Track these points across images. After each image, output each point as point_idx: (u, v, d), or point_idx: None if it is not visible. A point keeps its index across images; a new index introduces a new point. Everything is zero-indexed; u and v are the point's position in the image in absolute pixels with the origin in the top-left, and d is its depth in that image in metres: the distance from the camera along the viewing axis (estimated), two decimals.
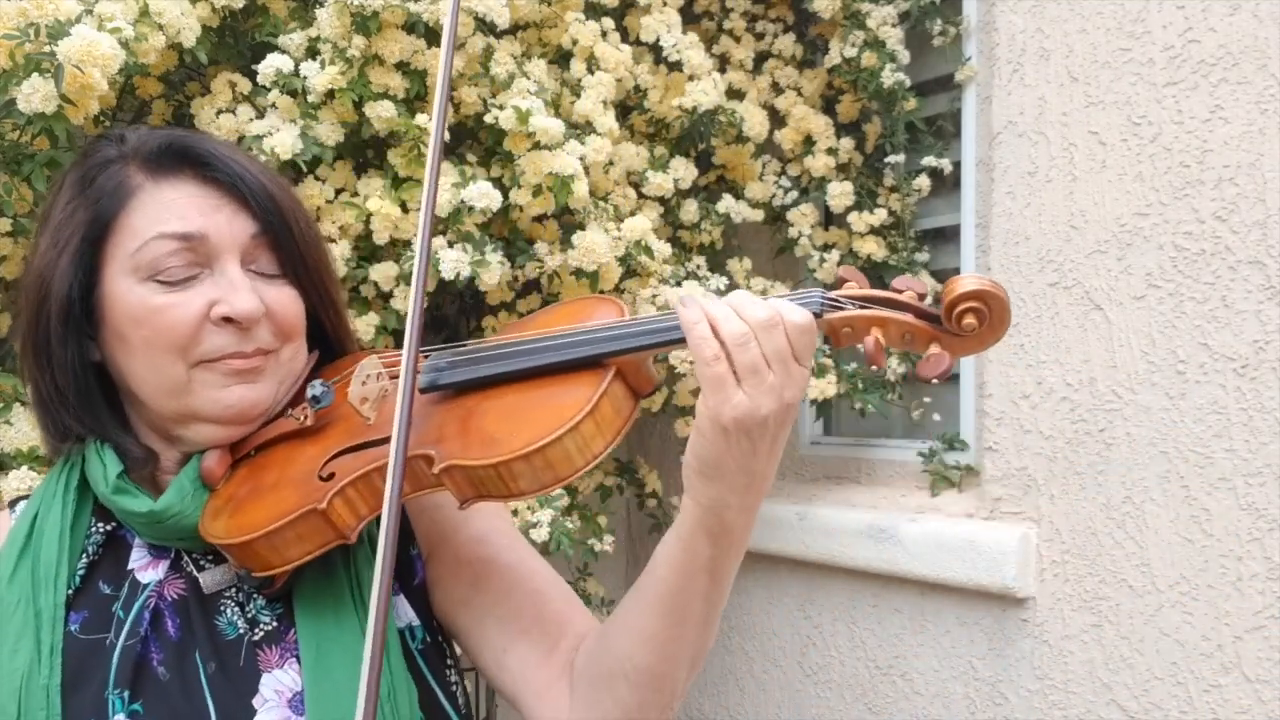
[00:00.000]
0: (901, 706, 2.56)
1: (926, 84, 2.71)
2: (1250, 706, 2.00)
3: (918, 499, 2.61)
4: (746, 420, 0.84)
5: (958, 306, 0.86)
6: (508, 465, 0.89)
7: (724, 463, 0.87)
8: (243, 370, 0.98)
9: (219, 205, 0.99)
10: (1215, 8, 2.06)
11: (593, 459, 0.91)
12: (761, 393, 0.84)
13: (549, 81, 2.27)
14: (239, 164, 1.01)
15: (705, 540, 0.91)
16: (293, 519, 0.94)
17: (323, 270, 1.07)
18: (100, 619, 0.98)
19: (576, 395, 0.91)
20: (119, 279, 0.97)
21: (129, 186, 0.98)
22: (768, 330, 0.84)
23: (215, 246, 0.98)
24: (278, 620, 0.99)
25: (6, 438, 1.72)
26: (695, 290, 2.35)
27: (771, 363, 0.84)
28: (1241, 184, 2.02)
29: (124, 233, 0.97)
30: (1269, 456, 1.99)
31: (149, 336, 0.96)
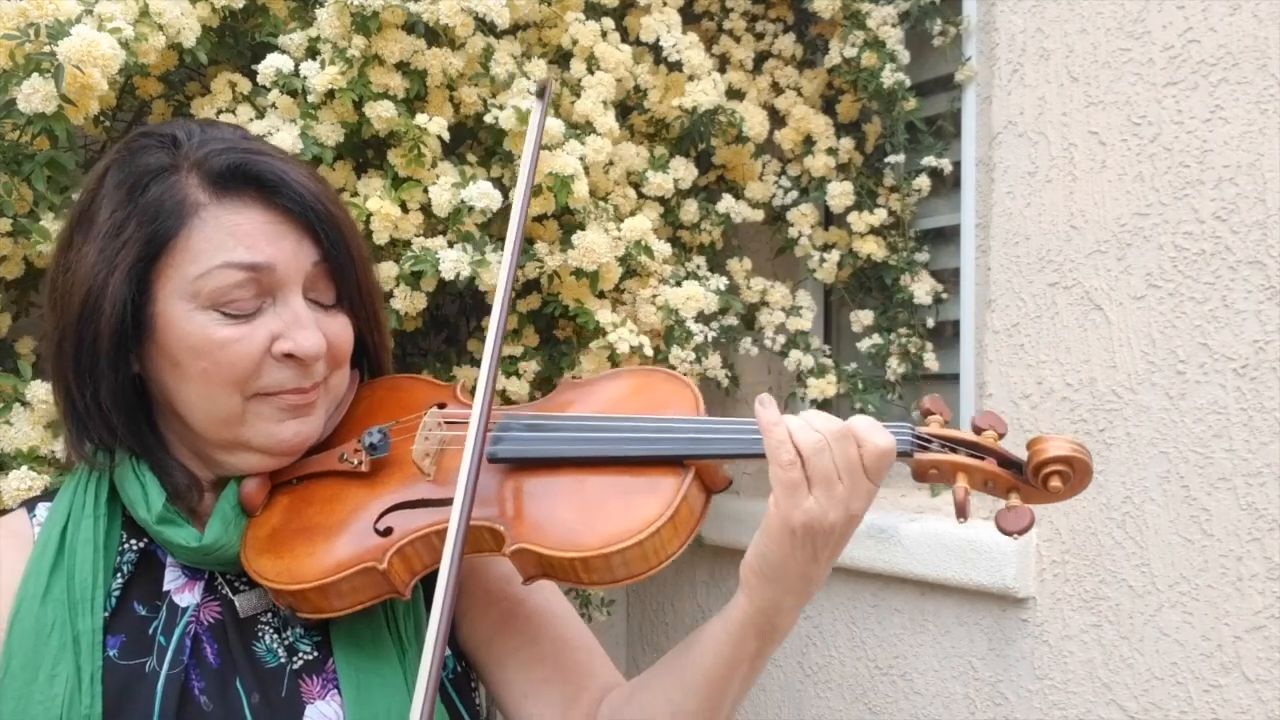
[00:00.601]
0: (901, 706, 2.56)
1: (926, 84, 2.71)
2: (1250, 706, 2.00)
3: (918, 499, 2.61)
4: (814, 526, 0.87)
5: (1045, 469, 0.89)
6: (585, 561, 0.89)
7: (787, 566, 0.90)
8: (299, 405, 0.97)
9: (285, 232, 0.95)
10: (1215, 8, 2.06)
11: (666, 559, 0.92)
12: (832, 501, 0.87)
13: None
14: (305, 187, 0.97)
15: (754, 637, 0.93)
16: (350, 574, 0.93)
17: (374, 293, 1.06)
18: (139, 643, 0.95)
19: (657, 497, 0.92)
20: (175, 301, 0.93)
21: (190, 204, 0.93)
22: (840, 441, 0.88)
23: (281, 277, 0.95)
24: (316, 649, 0.98)
25: (6, 438, 1.72)
26: (695, 291, 2.35)
27: (843, 473, 0.87)
28: (1241, 184, 2.02)
29: (183, 254, 0.93)
30: (1269, 456, 1.99)
31: (208, 368, 0.93)
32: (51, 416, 1.73)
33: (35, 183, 1.72)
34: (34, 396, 1.71)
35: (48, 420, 1.73)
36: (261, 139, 1.04)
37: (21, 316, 2.13)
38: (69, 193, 1.74)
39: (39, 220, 1.74)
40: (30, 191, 1.74)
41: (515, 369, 2.25)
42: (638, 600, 3.30)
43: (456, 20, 2.00)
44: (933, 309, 2.69)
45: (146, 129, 1.02)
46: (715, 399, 2.93)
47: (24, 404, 1.74)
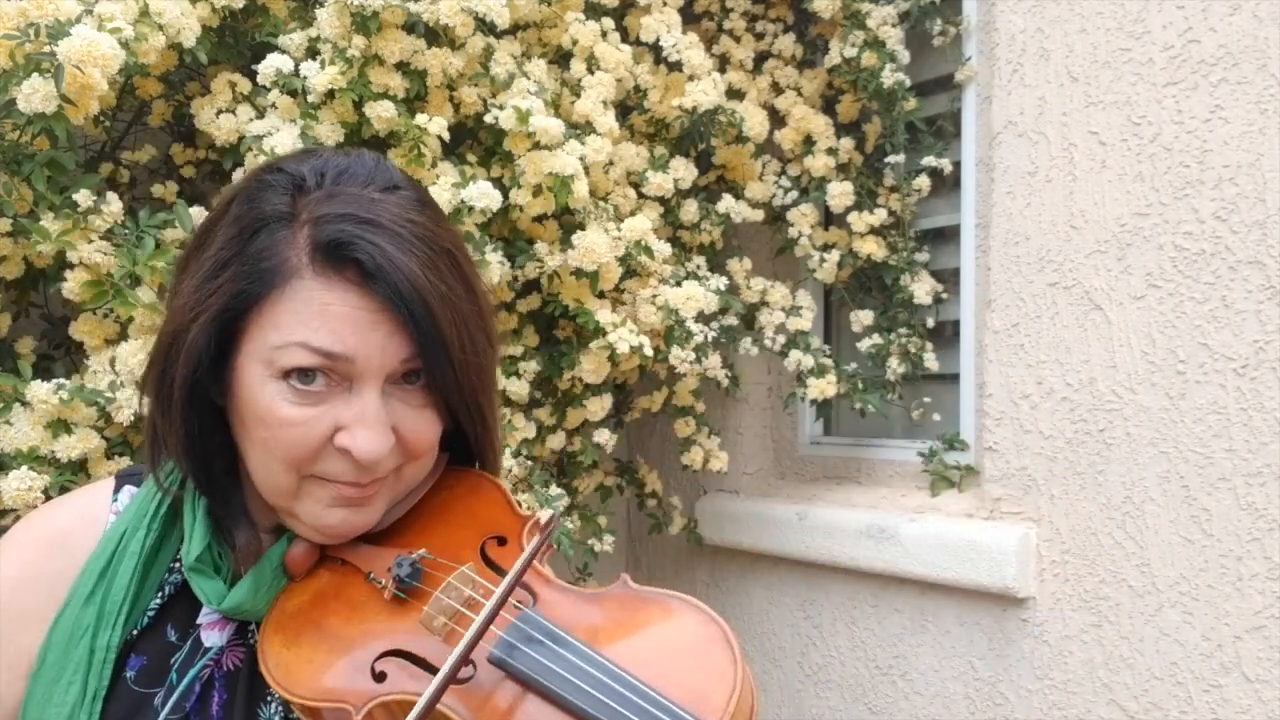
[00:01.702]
0: (901, 706, 2.56)
1: (926, 84, 2.71)
2: (1250, 706, 2.00)
3: (918, 499, 2.61)
4: None
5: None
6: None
7: None
8: (352, 498, 0.92)
9: (377, 323, 0.88)
10: (1215, 8, 2.06)
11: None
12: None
13: (549, 81, 2.27)
14: (408, 278, 0.88)
15: None
16: (330, 707, 0.89)
17: (479, 390, 0.96)
18: (157, 671, 0.94)
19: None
20: (253, 364, 0.89)
21: (287, 270, 0.88)
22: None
23: (361, 369, 0.88)
24: None
25: (6, 438, 1.72)
26: (695, 291, 2.35)
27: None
28: (1241, 184, 2.02)
29: (268, 318, 0.88)
30: (1269, 456, 1.99)
31: (267, 439, 0.89)
32: (51, 416, 1.73)
33: (35, 183, 1.72)
34: (34, 396, 1.71)
35: (48, 420, 1.73)
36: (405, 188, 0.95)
37: (22, 316, 2.13)
38: (69, 193, 1.74)
39: (39, 220, 1.74)
40: (30, 191, 1.74)
41: (515, 369, 2.25)
42: None
43: (456, 20, 2.00)
44: (933, 309, 2.69)
45: (284, 160, 0.96)
46: (715, 398, 2.93)
47: (24, 404, 1.74)
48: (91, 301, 1.77)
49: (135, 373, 1.73)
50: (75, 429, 1.74)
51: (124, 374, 1.75)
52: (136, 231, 1.80)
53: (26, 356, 1.94)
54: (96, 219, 1.76)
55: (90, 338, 1.85)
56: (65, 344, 2.08)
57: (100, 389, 1.75)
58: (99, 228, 1.77)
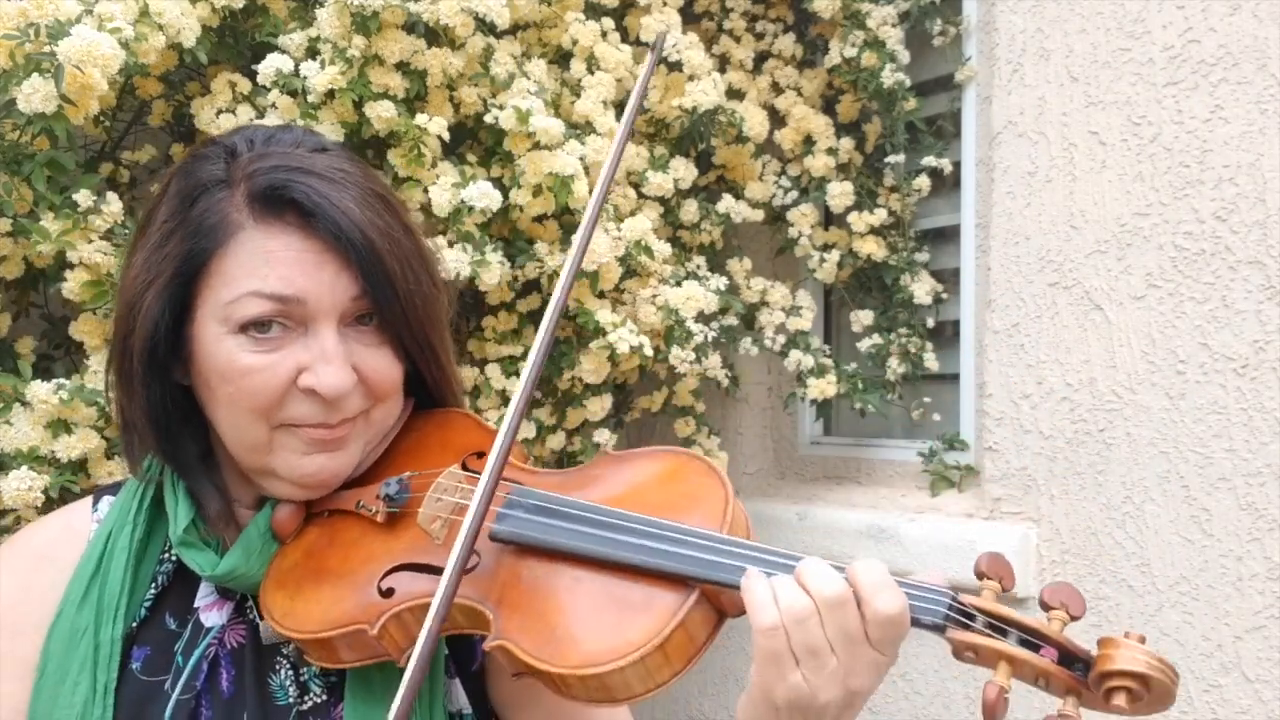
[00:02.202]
0: (901, 706, 2.56)
1: (926, 84, 2.71)
2: (1250, 706, 2.00)
3: (918, 499, 2.61)
4: (802, 705, 0.75)
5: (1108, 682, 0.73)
6: (561, 677, 0.82)
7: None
8: (324, 440, 0.93)
9: (321, 262, 0.90)
10: (1215, 8, 2.06)
11: (656, 688, 0.82)
12: (822, 678, 0.74)
13: (549, 81, 2.26)
14: (348, 217, 0.90)
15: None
16: (343, 632, 0.90)
17: (428, 326, 0.98)
18: (161, 659, 0.94)
19: (651, 617, 0.81)
20: (209, 323, 0.91)
21: (229, 225, 0.90)
22: (834, 609, 0.74)
23: (313, 310, 0.90)
24: (329, 690, 0.96)
25: (6, 438, 1.72)
26: (695, 290, 2.35)
27: (836, 646, 0.75)
28: (1241, 184, 2.02)
29: (219, 276, 0.90)
30: (1269, 456, 1.99)
31: (233, 394, 0.90)
32: (51, 416, 1.73)
33: (35, 183, 1.72)
34: (34, 396, 1.71)
35: (48, 420, 1.73)
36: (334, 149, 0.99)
37: (21, 316, 2.12)
38: (69, 193, 1.74)
39: (39, 220, 1.74)
40: (30, 191, 1.74)
41: (515, 369, 2.25)
42: None
43: (456, 20, 2.00)
44: (933, 309, 2.69)
45: (219, 136, 1.00)
46: (715, 398, 2.93)
47: (24, 404, 1.74)
48: (91, 301, 1.77)
49: None
50: (75, 429, 1.74)
51: None
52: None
53: (26, 356, 1.94)
54: (96, 219, 1.76)
55: (90, 338, 1.85)
56: (65, 344, 2.08)
57: (100, 389, 1.75)
58: (99, 228, 1.77)
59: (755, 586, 0.77)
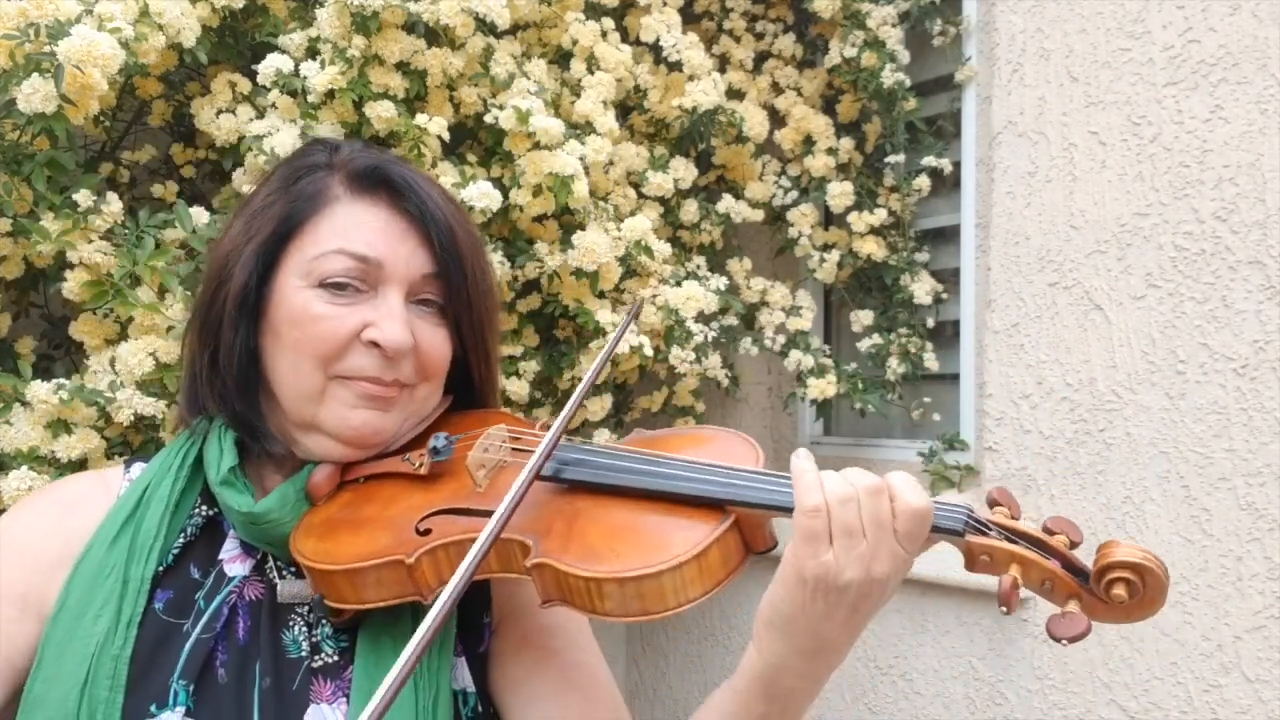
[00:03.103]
0: (901, 706, 2.56)
1: (926, 84, 2.71)
2: (1250, 706, 2.00)
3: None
4: (827, 580, 0.83)
5: (1109, 574, 0.82)
6: (599, 583, 0.86)
7: (796, 619, 0.86)
8: (375, 396, 1.00)
9: (403, 237, 1.02)
10: (1215, 8, 2.06)
11: (687, 603, 0.87)
12: (850, 557, 0.83)
13: (549, 81, 2.26)
14: (434, 201, 1.03)
15: (760, 697, 0.90)
16: (377, 564, 0.94)
17: (485, 322, 1.08)
18: (183, 603, 0.99)
19: (689, 534, 0.88)
20: (291, 278, 1.00)
21: (327, 196, 1.02)
22: (872, 495, 0.84)
23: (387, 274, 1.00)
24: (340, 653, 1.00)
25: (6, 438, 1.72)
26: (695, 290, 2.35)
27: (867, 529, 0.83)
28: (1241, 184, 2.02)
29: (309, 237, 1.01)
30: (1269, 456, 1.99)
31: (300, 339, 0.98)
32: (51, 416, 1.73)
33: (35, 183, 1.72)
34: (34, 396, 1.71)
35: (48, 420, 1.73)
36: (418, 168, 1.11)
37: (21, 316, 2.13)
38: (69, 193, 1.74)
39: (39, 220, 1.74)
40: (30, 191, 1.74)
41: (515, 369, 2.25)
42: None
43: (456, 20, 2.00)
44: (933, 309, 2.69)
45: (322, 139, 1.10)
46: (715, 398, 2.93)
47: (24, 404, 1.74)
48: (91, 301, 1.77)
49: (135, 373, 1.73)
50: (75, 429, 1.74)
51: (124, 374, 1.75)
52: (136, 231, 1.80)
53: (26, 356, 1.94)
54: (96, 219, 1.76)
55: (90, 338, 1.85)
56: (65, 344, 2.08)
57: (100, 389, 1.75)
58: (99, 228, 1.77)
59: (805, 468, 0.86)
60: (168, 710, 0.93)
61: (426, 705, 0.96)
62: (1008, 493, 0.89)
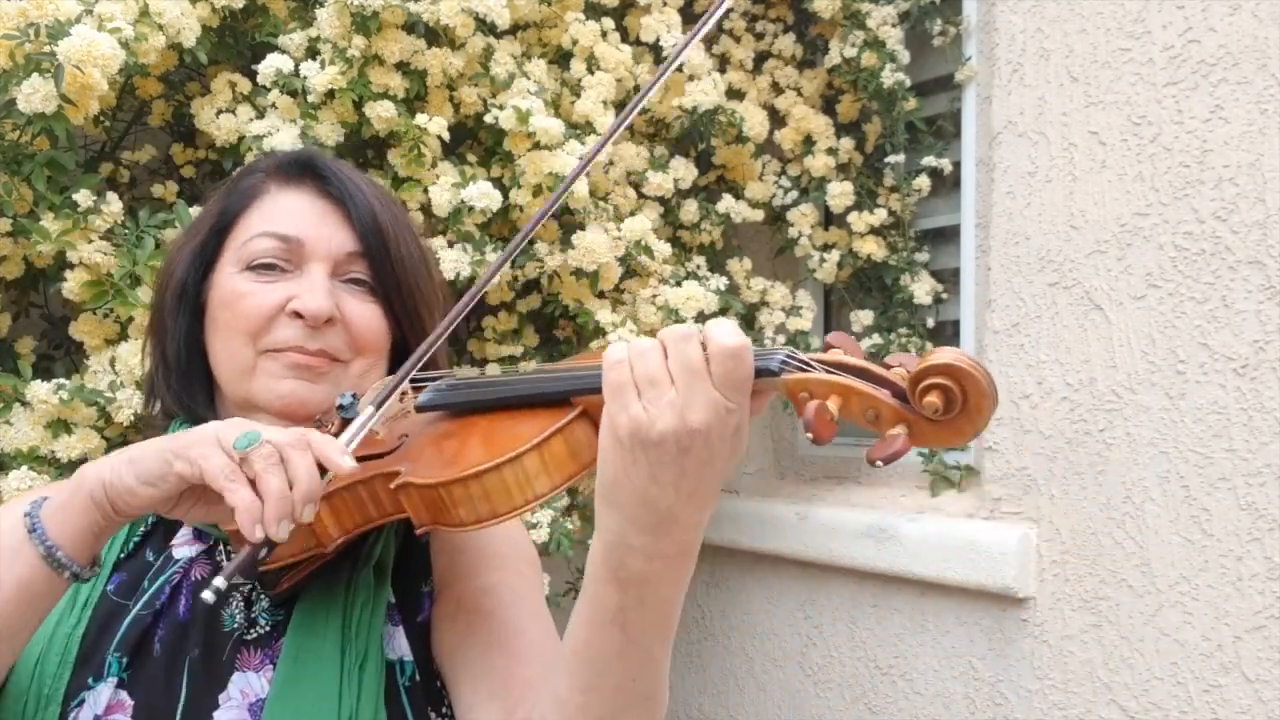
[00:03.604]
0: (901, 706, 2.56)
1: (926, 84, 2.71)
2: (1250, 706, 2.00)
3: (918, 499, 2.61)
4: (641, 434, 0.78)
5: (923, 380, 0.74)
6: (447, 488, 0.86)
7: (620, 483, 0.80)
8: (301, 365, 1.04)
9: (325, 217, 1.08)
10: (1215, 8, 2.06)
11: (535, 498, 0.85)
12: (660, 406, 0.78)
13: (549, 81, 2.27)
14: (355, 184, 1.10)
15: (611, 585, 0.83)
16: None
17: (418, 297, 1.12)
18: (133, 584, 1.03)
19: (531, 428, 0.86)
20: (226, 267, 1.07)
21: (257, 190, 1.10)
22: (680, 341, 0.79)
23: (309, 252, 1.06)
24: (273, 626, 1.02)
25: (6, 438, 1.72)
26: (695, 291, 2.35)
27: (676, 375, 0.78)
28: (1241, 184, 2.02)
29: (241, 229, 1.08)
30: (1269, 456, 1.99)
31: (230, 319, 1.04)
32: (51, 416, 1.73)
33: (35, 183, 1.72)
34: (34, 396, 1.71)
35: (48, 420, 1.73)
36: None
37: (22, 316, 2.13)
38: (69, 193, 1.74)
39: (39, 220, 1.74)
40: (30, 191, 1.74)
41: (515, 369, 2.25)
42: None
43: (456, 20, 2.00)
44: (933, 309, 2.69)
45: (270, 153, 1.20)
46: None
47: (24, 404, 1.74)
48: (91, 301, 1.77)
49: (135, 373, 1.73)
50: (75, 429, 1.74)
51: (124, 374, 1.75)
52: (136, 231, 1.80)
53: (26, 356, 1.94)
54: (96, 219, 1.76)
55: (90, 338, 1.85)
56: (65, 344, 2.08)
57: (100, 389, 1.76)
58: (99, 228, 1.77)
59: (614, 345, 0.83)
60: (102, 682, 0.97)
61: (352, 668, 0.97)
62: (848, 336, 0.82)
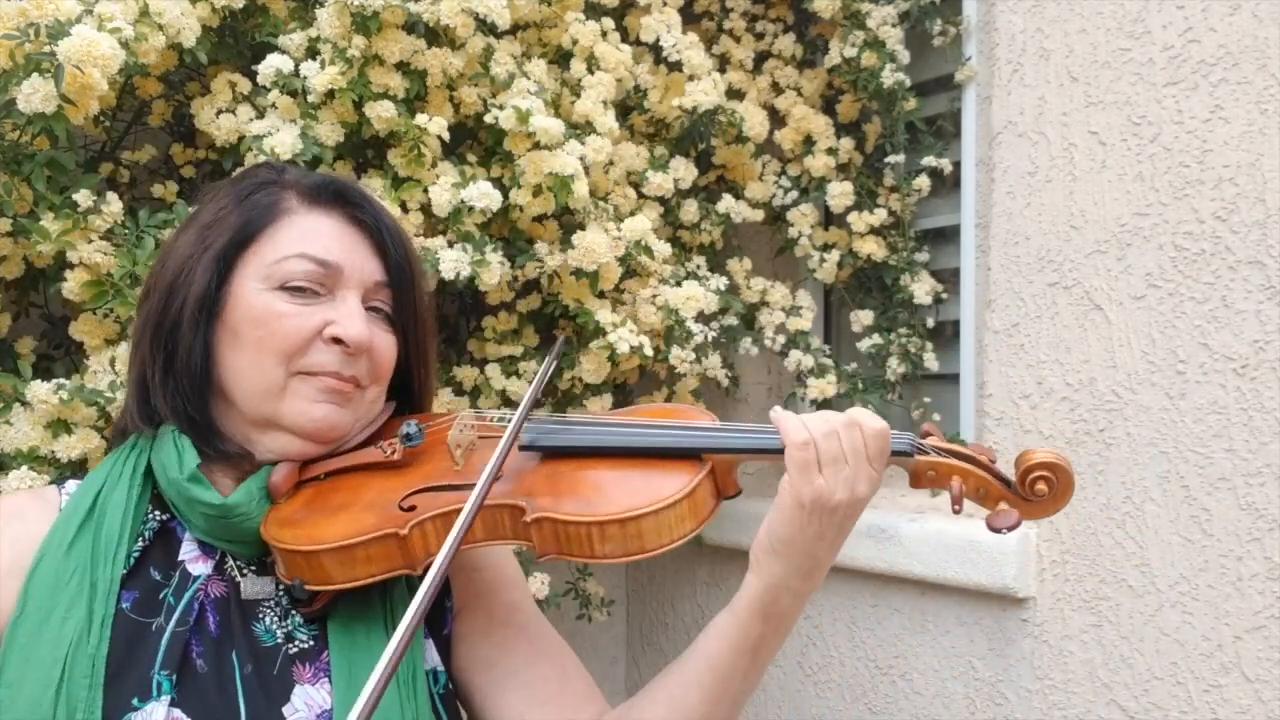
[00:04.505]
0: (901, 706, 2.56)
1: (926, 84, 2.71)
2: (1250, 706, 2.00)
3: (918, 499, 2.61)
4: (822, 502, 0.96)
5: (1031, 474, 1.02)
6: (601, 527, 0.94)
7: (794, 542, 0.98)
8: (335, 390, 1.05)
9: (358, 245, 1.09)
10: (1215, 8, 2.06)
11: (677, 539, 0.97)
12: (838, 480, 0.97)
13: (549, 81, 2.26)
14: (384, 214, 1.12)
15: (759, 619, 0.99)
16: (369, 538, 0.98)
17: (427, 329, 1.16)
18: (150, 603, 1.01)
19: (675, 479, 0.98)
20: (249, 282, 1.05)
21: (283, 207, 1.08)
22: (847, 428, 0.98)
23: (345, 279, 1.07)
24: (313, 640, 1.03)
25: (6, 438, 1.72)
26: (695, 291, 2.35)
27: (849, 456, 0.97)
28: (1241, 184, 2.02)
29: (267, 244, 1.06)
30: (1269, 456, 1.99)
31: (263, 337, 1.03)
32: (51, 416, 1.73)
33: (35, 183, 1.72)
34: (34, 396, 1.71)
35: (48, 420, 1.73)
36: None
37: (22, 316, 2.13)
38: (69, 193, 1.74)
39: (39, 220, 1.74)
40: (30, 191, 1.74)
41: (515, 369, 2.25)
42: (638, 601, 3.30)
43: (457, 20, 2.00)
44: (933, 309, 2.69)
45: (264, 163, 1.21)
46: (715, 398, 2.93)
47: (24, 404, 1.74)
48: (91, 301, 1.77)
49: None
50: (75, 429, 1.74)
51: (124, 374, 1.75)
52: (136, 231, 1.80)
53: (26, 356, 1.94)
54: (96, 219, 1.76)
55: (90, 338, 1.85)
56: (65, 344, 2.08)
57: (100, 389, 1.75)
58: (99, 228, 1.77)
59: (786, 415, 1.00)
60: (152, 701, 0.95)
61: (407, 680, 1.00)
62: (935, 427, 1.08)
